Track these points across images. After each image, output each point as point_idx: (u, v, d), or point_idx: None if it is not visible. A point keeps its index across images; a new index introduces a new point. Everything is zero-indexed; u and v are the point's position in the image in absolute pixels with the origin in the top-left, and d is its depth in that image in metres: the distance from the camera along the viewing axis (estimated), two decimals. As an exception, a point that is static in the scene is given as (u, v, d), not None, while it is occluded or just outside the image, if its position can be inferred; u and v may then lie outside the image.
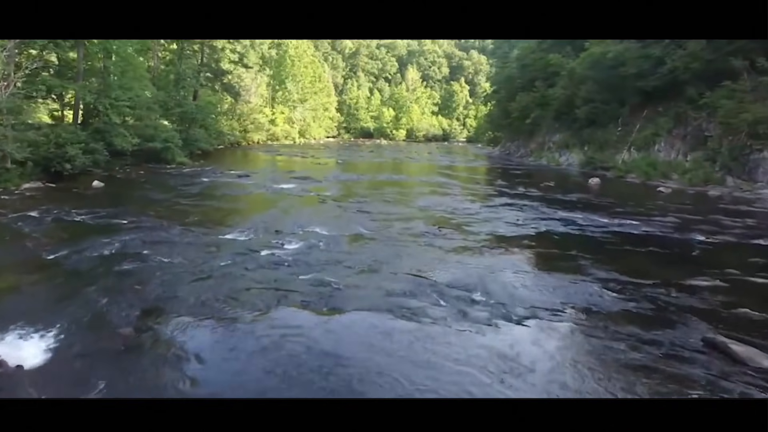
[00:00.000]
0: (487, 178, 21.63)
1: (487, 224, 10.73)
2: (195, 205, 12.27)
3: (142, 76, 23.54)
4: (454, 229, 10.06)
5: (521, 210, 12.78)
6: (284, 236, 8.98)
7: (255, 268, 6.95)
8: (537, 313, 5.53)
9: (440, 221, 10.93)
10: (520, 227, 10.45)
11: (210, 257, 7.44)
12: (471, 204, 13.81)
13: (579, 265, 7.64)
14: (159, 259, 7.24)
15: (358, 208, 12.26)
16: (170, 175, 18.90)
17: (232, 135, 39.88)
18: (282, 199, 13.72)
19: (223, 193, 14.48)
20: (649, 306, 5.85)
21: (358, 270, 7.01)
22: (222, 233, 9.11)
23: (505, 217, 11.61)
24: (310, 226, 9.84)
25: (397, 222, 10.64)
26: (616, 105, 26.99)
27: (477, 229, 10.12)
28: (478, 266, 7.36)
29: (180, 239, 8.62)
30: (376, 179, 19.89)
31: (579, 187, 19.07)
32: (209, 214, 11.15)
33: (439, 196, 15.28)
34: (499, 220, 11.27)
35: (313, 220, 10.41)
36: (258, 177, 19.17)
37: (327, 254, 7.84)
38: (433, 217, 11.48)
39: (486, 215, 11.92)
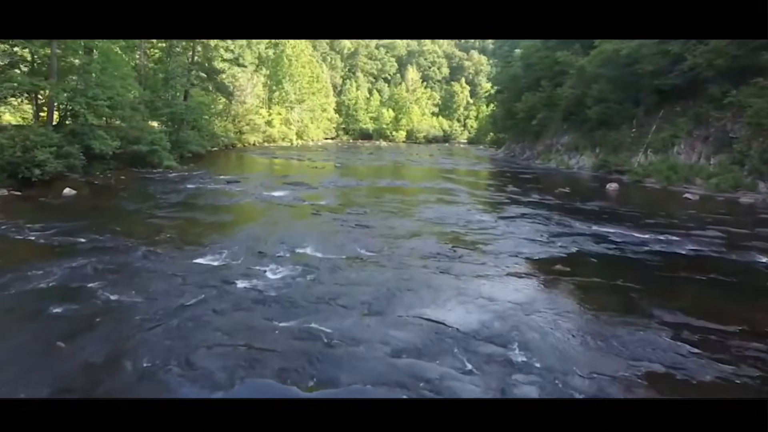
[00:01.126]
0: (495, 183, 20.13)
1: (508, 242, 9.22)
2: (171, 217, 10.76)
3: (127, 74, 22.00)
4: (470, 249, 8.56)
5: (542, 222, 11.28)
6: (269, 260, 7.47)
7: (225, 311, 5.43)
8: (603, 386, 4.03)
9: (453, 238, 9.42)
10: (547, 246, 8.95)
11: (172, 293, 5.92)
12: (484, 215, 12.30)
13: (633, 301, 6.14)
14: (105, 296, 5.72)
15: (358, 221, 10.75)
16: (153, 181, 17.39)
17: (226, 137, 38.42)
18: (272, 210, 12.20)
19: (207, 202, 12.96)
20: (750, 371, 4.36)
21: (357, 313, 5.49)
22: (195, 256, 7.59)
23: (526, 233, 10.11)
24: (301, 246, 8.33)
25: (402, 240, 9.14)
26: (630, 105, 25.54)
27: (497, 249, 8.61)
28: (509, 305, 5.84)
29: (141, 265, 7.10)
30: (377, 185, 18.38)
31: (597, 194, 17.59)
32: (185, 229, 9.64)
33: (447, 205, 13.78)
34: (520, 236, 9.76)
35: (304, 238, 8.90)
36: (248, 183, 17.67)
37: (318, 288, 6.33)
38: (444, 232, 9.98)
39: (503, 229, 10.42)
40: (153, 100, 26.56)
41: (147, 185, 16.15)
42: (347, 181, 18.91)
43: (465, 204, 14.20)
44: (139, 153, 21.14)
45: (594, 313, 5.71)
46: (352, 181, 19.00)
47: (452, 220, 11.34)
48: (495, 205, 14.16)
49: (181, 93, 29.64)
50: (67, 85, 16.59)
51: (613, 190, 18.20)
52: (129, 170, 20.40)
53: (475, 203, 14.44)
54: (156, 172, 20.41)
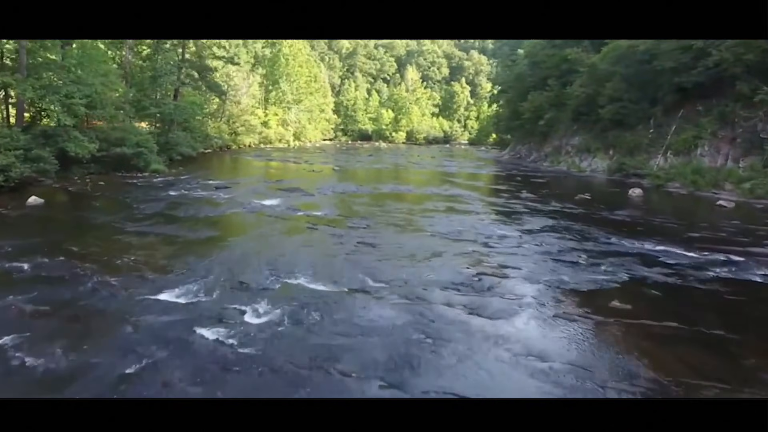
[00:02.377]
0: (507, 188, 18.59)
1: (542, 265, 7.68)
2: (143, 233, 9.20)
3: (109, 71, 20.46)
4: (499, 277, 7.01)
5: (573, 237, 9.75)
6: (251, 295, 5.92)
7: (180, 383, 3.88)
8: None
9: (475, 261, 7.88)
10: (590, 271, 7.40)
11: (111, 353, 4.36)
12: (504, 228, 10.76)
13: (737, 362, 4.60)
14: (16, 357, 4.17)
15: (360, 237, 9.21)
16: (135, 187, 15.82)
17: (219, 138, 36.83)
18: (261, 223, 10.65)
19: (188, 213, 11.39)
20: None
21: (362, 389, 3.94)
22: (158, 289, 6.04)
23: (559, 252, 8.57)
24: (292, 274, 6.78)
25: (414, 263, 7.60)
26: (646, 104, 24.08)
27: (532, 276, 7.07)
28: (570, 371, 4.29)
29: (86, 304, 5.55)
30: (379, 191, 16.83)
31: (621, 201, 16.08)
32: (155, 250, 8.07)
33: (460, 216, 12.25)
34: (554, 256, 8.22)
35: (297, 262, 7.35)
36: (239, 189, 16.11)
37: (312, 341, 4.77)
38: (463, 252, 8.44)
39: (531, 247, 8.88)
40: (140, 100, 24.99)
41: (126, 192, 14.59)
42: (346, 187, 17.37)
43: (479, 214, 12.66)
44: (123, 156, 19.63)
45: (688, 380, 4.16)
46: (351, 187, 17.45)
47: (469, 234, 9.81)
48: (513, 215, 12.62)
49: (171, 92, 28.08)
50: (37, 81, 14.99)
51: (638, 197, 16.69)
52: (111, 175, 18.88)
53: (490, 213, 12.91)
54: (141, 176, 18.86)
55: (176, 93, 28.70)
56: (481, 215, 12.49)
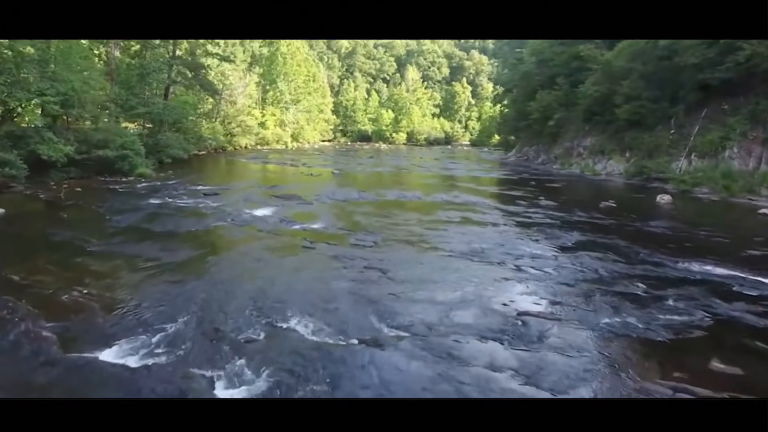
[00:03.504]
0: (522, 194, 17.09)
1: (596, 302, 6.15)
2: (107, 254, 7.69)
3: (91, 67, 18.97)
4: (547, 318, 5.50)
5: (618, 259, 8.23)
6: (225, 354, 4.41)
7: None
8: None
9: (509, 292, 6.38)
10: (658, 309, 5.87)
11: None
12: (532, 245, 9.26)
13: None
14: None
15: (367, 260, 7.70)
16: (114, 194, 14.32)
17: (214, 139, 35.26)
18: (250, 241, 9.14)
19: (167, 227, 9.88)
20: None
21: None
22: (105, 341, 4.54)
23: (611, 281, 7.06)
24: (283, 317, 5.28)
25: (437, 296, 6.09)
26: (666, 103, 22.61)
27: (587, 318, 5.56)
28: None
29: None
30: (383, 198, 15.33)
31: (651, 209, 14.61)
32: (117, 278, 6.56)
33: (478, 228, 10.77)
34: (606, 287, 6.70)
35: (289, 298, 5.84)
36: (230, 196, 14.61)
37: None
38: (492, 278, 6.95)
39: (574, 274, 7.37)
40: (128, 99, 23.46)
41: (103, 200, 13.07)
42: (347, 194, 15.86)
43: (499, 226, 11.17)
44: (107, 159, 18.09)
45: None
46: (353, 193, 15.95)
47: (495, 254, 8.31)
48: (537, 227, 11.13)
49: (161, 91, 26.56)
50: (4, 77, 13.47)
51: (667, 204, 15.21)
52: (93, 179, 17.39)
53: (510, 224, 11.40)
54: (124, 181, 17.37)
55: (167, 92, 27.19)
56: (501, 227, 11.00)
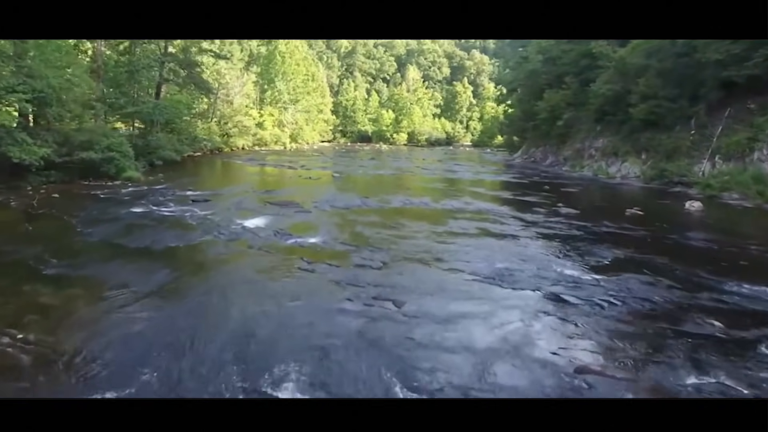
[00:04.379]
0: (538, 200, 15.81)
1: (675, 353, 4.85)
2: (65, 279, 6.41)
3: (74, 63, 17.72)
4: (622, 380, 4.22)
5: (673, 284, 6.93)
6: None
7: None
8: None
9: (555, 333, 5.10)
10: (763, 365, 4.64)
11: None
12: (566, 264, 7.98)
13: None
14: None
15: (376, 287, 6.41)
16: (94, 201, 13.07)
17: (209, 140, 34.02)
18: (237, 260, 7.85)
19: (144, 243, 8.59)
20: None
21: None
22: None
23: (680, 315, 5.77)
24: (272, 376, 3.99)
25: (466, 341, 4.81)
26: (685, 102, 21.34)
27: (667, 378, 4.27)
28: None
29: None
30: (389, 205, 14.05)
31: (682, 218, 13.35)
32: (69, 314, 5.27)
33: (499, 242, 9.50)
34: (675, 328, 5.39)
35: (280, 346, 4.55)
36: (221, 203, 13.34)
37: None
38: (531, 313, 5.67)
39: (627, 308, 6.08)
40: (116, 98, 22.19)
41: (80, 208, 11.80)
42: (349, 200, 14.58)
43: (521, 239, 9.89)
44: (91, 162, 16.85)
45: None
46: (355, 200, 14.67)
47: (526, 279, 7.02)
48: (564, 240, 9.86)
49: (152, 89, 25.29)
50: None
51: (698, 211, 13.94)
52: (75, 184, 16.16)
53: (534, 238, 10.12)
54: (109, 185, 16.12)
55: (159, 91, 25.91)
56: (523, 241, 9.73)
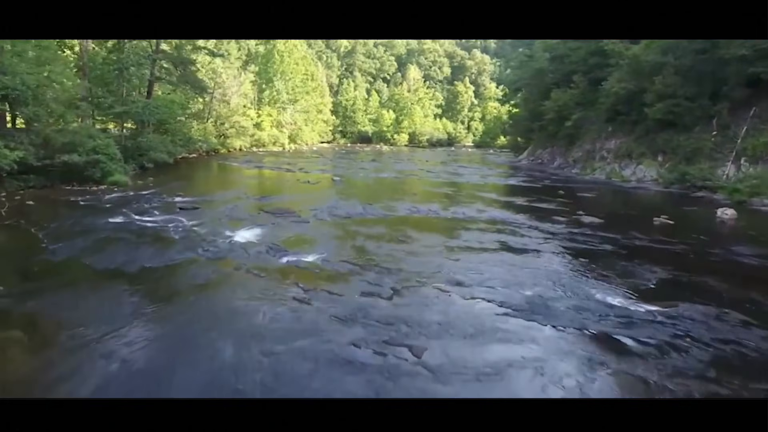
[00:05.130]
0: (556, 207, 14.61)
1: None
2: (7, 314, 5.22)
3: (52, 58, 16.51)
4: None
5: (749, 319, 5.77)
6: None
7: None
8: None
9: (626, 395, 3.92)
10: None
11: None
12: (606, 291, 6.78)
13: None
14: None
15: (386, 328, 5.21)
16: (71, 209, 11.90)
17: (205, 141, 32.80)
18: (219, 285, 6.65)
19: (115, 262, 7.39)
20: None
21: None
22: None
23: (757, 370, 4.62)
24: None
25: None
26: (706, 101, 20.17)
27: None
28: None
29: None
30: (394, 214, 12.85)
31: (717, 227, 12.17)
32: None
33: (522, 259, 8.31)
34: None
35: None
36: (211, 211, 12.14)
37: None
38: (585, 365, 4.48)
39: (705, 353, 4.90)
40: (103, 97, 20.98)
41: (54, 217, 10.64)
42: (350, 207, 13.39)
43: (547, 256, 8.70)
44: (75, 165, 15.69)
45: None
46: (357, 207, 13.48)
47: (566, 312, 5.83)
48: (596, 258, 8.68)
49: (143, 88, 24.10)
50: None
51: (732, 219, 12.76)
52: (56, 189, 15.04)
53: (561, 254, 8.92)
54: (93, 191, 14.96)
55: (150, 90, 24.73)
56: (550, 258, 8.53)
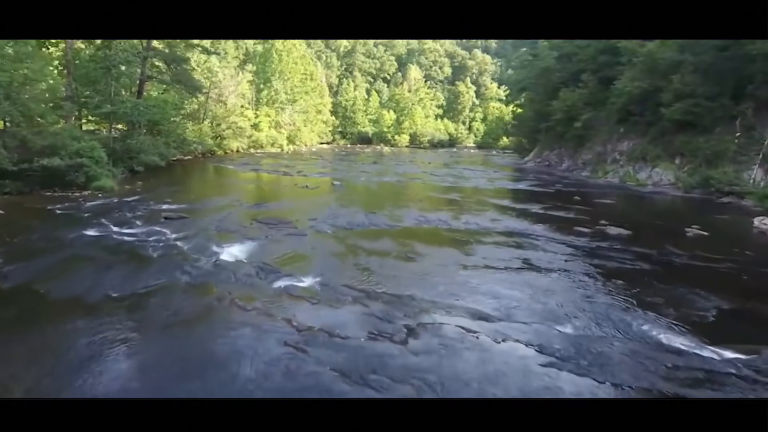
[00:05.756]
0: (575, 216, 13.44)
1: None
2: None
3: (31, 55, 15.38)
4: None
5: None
6: None
7: None
8: None
9: None
10: None
11: None
12: (661, 326, 5.67)
13: None
14: None
15: (403, 389, 4.09)
16: (44, 220, 10.81)
17: (200, 143, 31.67)
18: (195, 323, 5.50)
19: (78, 289, 6.26)
20: None
21: None
22: None
23: None
24: None
25: None
26: (728, 100, 19.05)
27: None
28: None
29: None
30: (401, 224, 11.72)
31: (756, 239, 11.05)
32: None
33: (552, 283, 7.18)
34: None
35: None
36: (198, 221, 11.02)
37: None
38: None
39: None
40: (91, 96, 19.84)
41: (20, 229, 9.54)
42: (352, 217, 12.25)
43: (578, 277, 7.56)
44: (56, 169, 14.59)
45: None
46: (359, 216, 12.35)
47: (621, 360, 4.71)
48: (636, 282, 7.55)
49: (132, 87, 22.97)
50: None
51: None
52: (34, 195, 13.96)
53: (594, 275, 7.78)
54: (73, 197, 13.87)
55: (141, 89, 23.59)
56: (583, 281, 7.39)
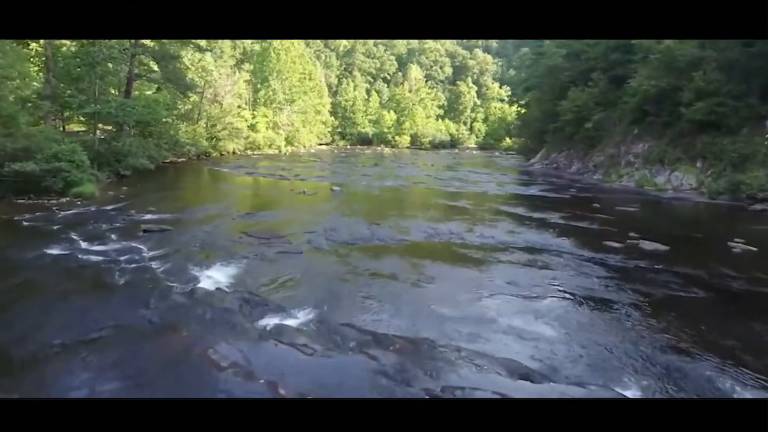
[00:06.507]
0: (600, 228, 12.07)
1: None
2: None
3: (6, 52, 14.17)
4: None
5: None
6: None
7: None
8: None
9: None
10: None
11: None
12: (744, 383, 4.44)
13: None
14: None
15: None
16: (3, 233, 9.55)
17: (194, 144, 30.42)
18: (154, 381, 4.25)
19: (11, 335, 5.00)
20: None
21: None
22: None
23: None
24: None
25: None
26: (755, 99, 17.83)
27: None
28: None
29: None
30: (408, 239, 10.44)
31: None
32: None
33: (590, 314, 5.95)
34: None
35: None
36: (180, 236, 9.77)
37: None
38: None
39: None
40: (73, 95, 18.58)
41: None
42: (353, 229, 10.99)
43: (625, 308, 6.31)
44: (31, 174, 13.38)
45: None
46: (361, 229, 11.09)
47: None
48: (695, 313, 6.32)
49: (119, 86, 21.73)
50: None
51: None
52: (7, 203, 12.87)
53: (641, 304, 6.52)
54: (48, 205, 12.68)
55: (129, 88, 22.34)
56: (631, 314, 6.14)
